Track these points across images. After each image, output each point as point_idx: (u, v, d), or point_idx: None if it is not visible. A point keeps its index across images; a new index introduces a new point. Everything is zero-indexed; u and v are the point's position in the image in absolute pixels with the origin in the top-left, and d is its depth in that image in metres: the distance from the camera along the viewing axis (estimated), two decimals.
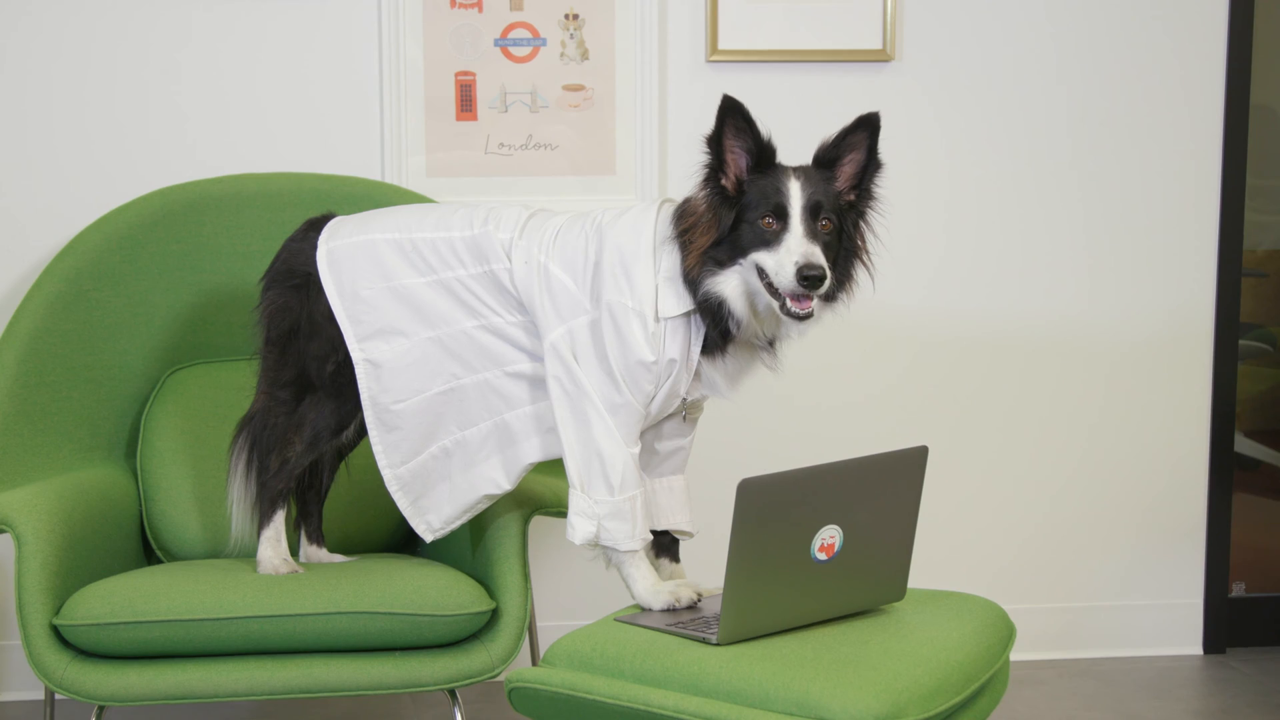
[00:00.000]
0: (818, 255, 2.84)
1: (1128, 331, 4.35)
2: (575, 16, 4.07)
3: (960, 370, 4.31)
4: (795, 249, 2.85)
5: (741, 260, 2.90)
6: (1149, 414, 4.39)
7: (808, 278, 2.82)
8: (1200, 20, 4.28)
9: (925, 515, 3.10)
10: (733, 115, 2.91)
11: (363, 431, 3.27)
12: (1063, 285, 4.32)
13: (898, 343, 4.28)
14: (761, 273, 2.88)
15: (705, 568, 3.41)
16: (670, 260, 2.96)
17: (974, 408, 4.33)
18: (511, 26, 4.06)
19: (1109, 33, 4.26)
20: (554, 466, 3.26)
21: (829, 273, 2.85)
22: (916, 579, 3.16)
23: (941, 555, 4.25)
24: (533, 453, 3.14)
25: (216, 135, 3.98)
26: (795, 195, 2.89)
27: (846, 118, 2.99)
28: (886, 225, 3.04)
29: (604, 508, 2.99)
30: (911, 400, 4.30)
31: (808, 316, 2.87)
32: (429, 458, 3.20)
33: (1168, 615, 4.45)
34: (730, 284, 2.92)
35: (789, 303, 2.86)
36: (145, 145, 3.96)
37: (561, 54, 4.08)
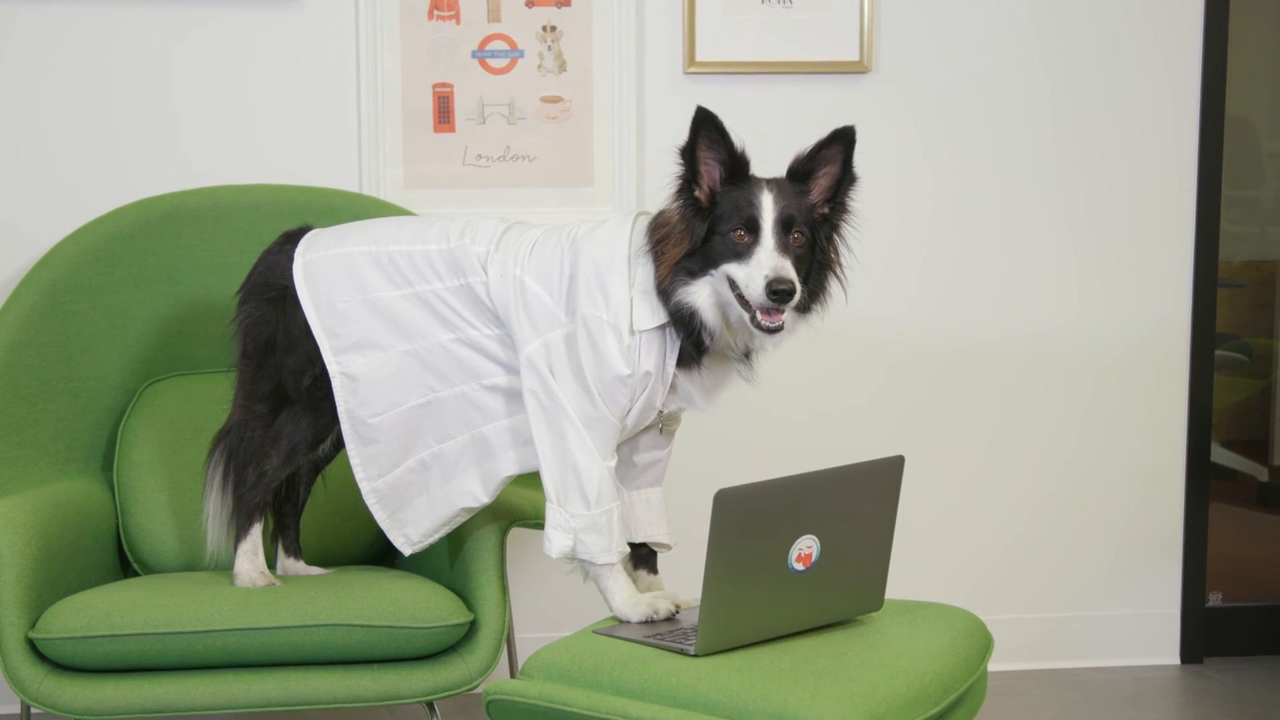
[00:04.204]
0: (788, 269, 2.85)
1: (1104, 342, 4.36)
2: (553, 28, 4.07)
3: (938, 382, 4.32)
4: (765, 262, 2.85)
5: (713, 271, 2.91)
6: (1126, 425, 4.40)
7: (777, 292, 2.82)
8: (1176, 32, 4.29)
9: (904, 526, 3.10)
10: (706, 127, 2.91)
11: (340, 445, 3.27)
12: (1039, 296, 4.32)
13: (875, 355, 4.28)
14: (733, 284, 2.89)
15: (683, 579, 3.41)
16: (645, 273, 2.96)
17: (951, 419, 4.34)
18: (489, 38, 4.06)
19: (1084, 45, 4.27)
20: (532, 479, 3.26)
21: (799, 286, 2.86)
22: (896, 590, 3.16)
23: (920, 566, 4.25)
24: (510, 466, 3.14)
25: (192, 147, 3.97)
26: (767, 208, 2.89)
27: (824, 129, 2.99)
28: (862, 237, 3.05)
29: (580, 521, 2.99)
30: (890, 412, 4.31)
31: (777, 330, 2.88)
32: (406, 471, 3.19)
33: (1145, 625, 4.46)
34: (702, 294, 2.92)
35: (759, 315, 2.87)
36: (119, 158, 3.94)
37: (539, 66, 4.08)
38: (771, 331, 2.88)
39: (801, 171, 2.97)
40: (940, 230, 4.28)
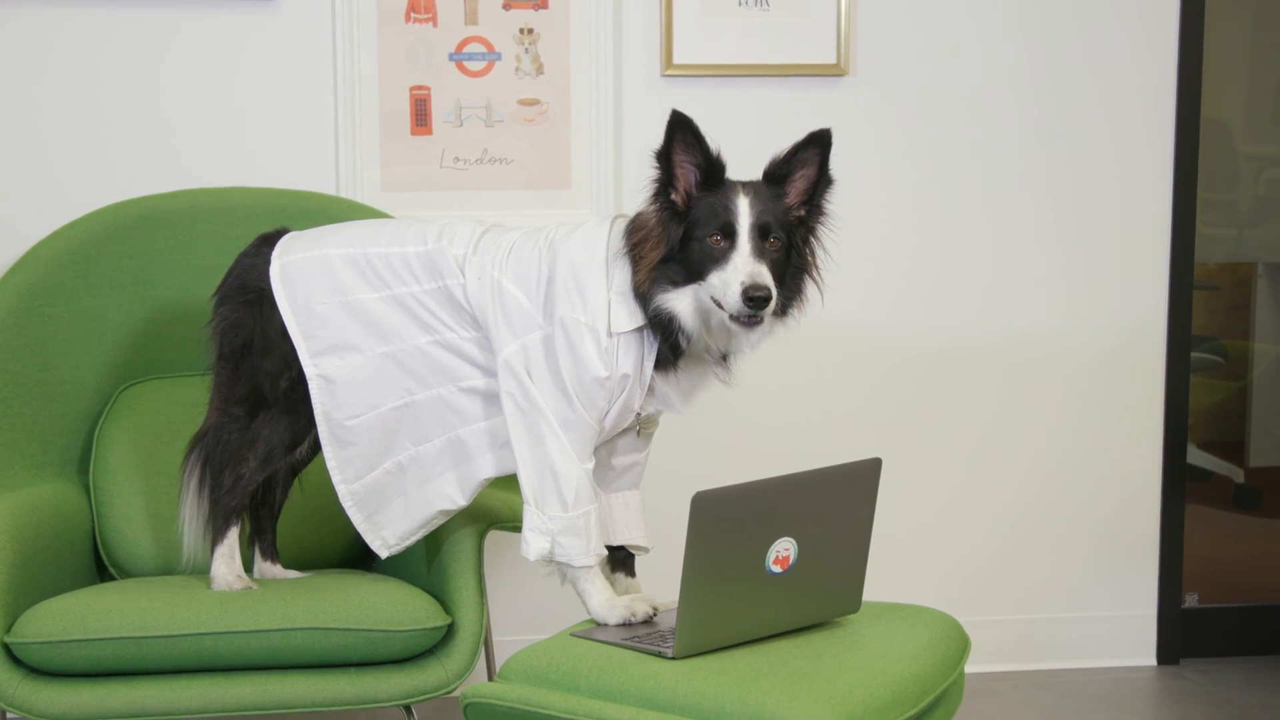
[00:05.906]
0: (764, 275, 2.85)
1: (1081, 345, 4.37)
2: (530, 31, 4.07)
3: (916, 386, 4.32)
4: (741, 269, 2.85)
5: (698, 284, 2.90)
6: (1103, 427, 4.41)
7: (753, 298, 2.82)
8: (1152, 35, 4.31)
9: (883, 530, 3.10)
10: (681, 130, 2.91)
11: (317, 447, 3.26)
12: (1015, 299, 4.33)
13: (855, 360, 4.28)
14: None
15: (660, 581, 3.41)
16: (622, 275, 2.96)
17: (928, 423, 4.34)
18: (466, 41, 4.06)
19: (1061, 48, 4.28)
20: (509, 481, 3.25)
21: (774, 292, 2.86)
22: (873, 593, 3.17)
23: (898, 569, 4.25)
24: (487, 468, 3.13)
25: (170, 150, 3.97)
26: (743, 213, 2.89)
27: (801, 131, 3.00)
28: (840, 240, 3.06)
29: (558, 523, 2.99)
30: (869, 416, 4.31)
31: (757, 323, 2.88)
32: (383, 473, 3.19)
33: (1122, 627, 4.47)
34: (682, 301, 2.92)
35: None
36: (96, 161, 3.94)
37: (516, 68, 4.08)
38: (751, 325, 2.88)
39: (778, 174, 2.97)
40: (917, 233, 4.28)
